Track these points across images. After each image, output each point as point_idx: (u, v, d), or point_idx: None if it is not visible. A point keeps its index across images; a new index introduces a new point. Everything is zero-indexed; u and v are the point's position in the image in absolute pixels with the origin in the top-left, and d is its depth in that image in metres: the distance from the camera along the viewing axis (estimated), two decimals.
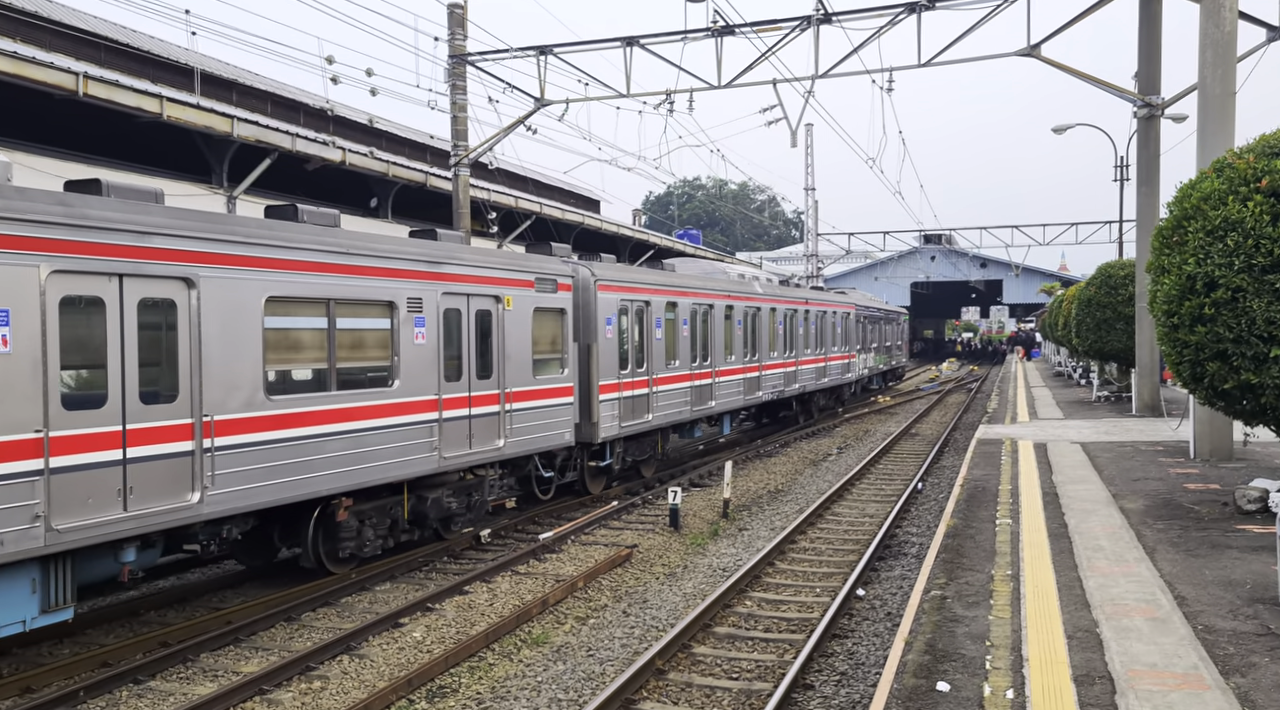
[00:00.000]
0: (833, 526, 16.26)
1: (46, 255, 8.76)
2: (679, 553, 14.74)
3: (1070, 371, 44.98)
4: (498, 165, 27.05)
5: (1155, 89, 22.50)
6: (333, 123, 28.54)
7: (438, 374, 13.32)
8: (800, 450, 26.26)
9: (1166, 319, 11.06)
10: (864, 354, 40.86)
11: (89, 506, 9.06)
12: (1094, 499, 12.94)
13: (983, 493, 13.82)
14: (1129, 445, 18.52)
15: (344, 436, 11.81)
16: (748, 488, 20.07)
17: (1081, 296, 28.27)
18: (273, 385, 10.99)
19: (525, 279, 15.21)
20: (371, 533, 12.65)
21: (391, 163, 24.38)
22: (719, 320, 22.91)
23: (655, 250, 41.39)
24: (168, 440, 9.83)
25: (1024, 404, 29.81)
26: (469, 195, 23.14)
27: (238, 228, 10.67)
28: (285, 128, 21.51)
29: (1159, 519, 11.61)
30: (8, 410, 8.43)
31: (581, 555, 14.28)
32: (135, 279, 9.57)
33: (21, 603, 8.93)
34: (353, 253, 11.99)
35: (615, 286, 17.74)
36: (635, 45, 21.24)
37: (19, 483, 8.50)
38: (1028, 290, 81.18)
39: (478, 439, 14.11)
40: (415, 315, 12.94)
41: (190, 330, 10.08)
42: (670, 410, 20.08)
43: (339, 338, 11.86)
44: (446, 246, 13.77)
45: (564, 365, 16.30)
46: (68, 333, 8.98)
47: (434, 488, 13.61)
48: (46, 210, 8.80)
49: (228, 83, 25.38)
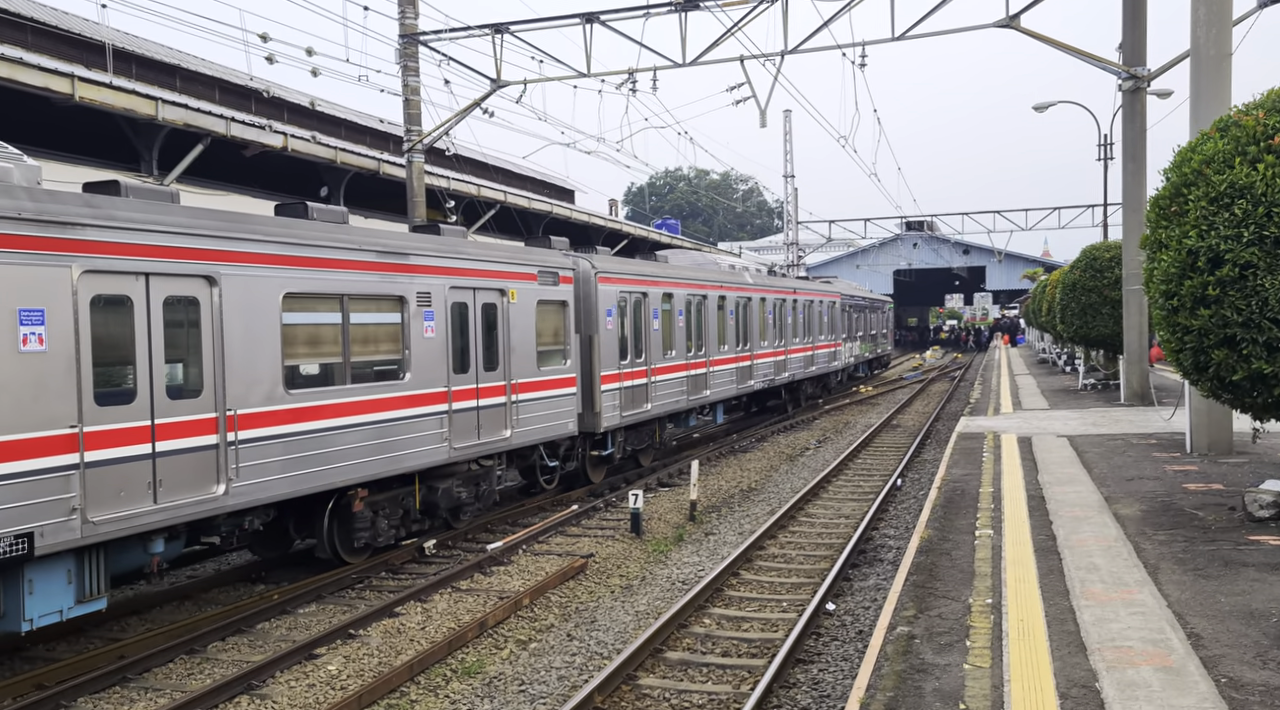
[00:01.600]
0: (805, 529, 15.41)
1: (78, 256, 9.10)
2: (639, 562, 13.86)
3: (1055, 358, 44.26)
4: (456, 151, 25.71)
5: (1141, 60, 21.76)
6: (271, 106, 26.64)
7: (447, 366, 13.71)
8: (777, 444, 25.42)
9: (1165, 301, 9.91)
10: (849, 342, 41.52)
11: (121, 499, 9.41)
12: (1084, 503, 11.74)
13: (962, 496, 12.69)
14: (1119, 438, 17.37)
15: (359, 428, 12.18)
16: (719, 486, 19.31)
17: (1066, 280, 27.48)
18: (291, 379, 11.35)
19: (528, 272, 15.60)
20: (385, 523, 13.04)
21: (340, 149, 22.74)
22: (712, 311, 23.37)
23: (629, 240, 40.22)
24: (194, 434, 10.19)
25: (1007, 393, 28.69)
26: (424, 183, 22.16)
27: (257, 227, 11.01)
28: (218, 111, 19.91)
29: (1159, 528, 10.32)
30: (45, 407, 8.78)
31: (532, 567, 13.32)
32: (161, 277, 9.91)
33: (59, 593, 9.29)
34: (364, 249, 12.36)
35: (615, 279, 18.17)
36: (596, 22, 20.38)
37: (56, 477, 8.85)
38: (1011, 276, 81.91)
39: (486, 430, 14.51)
40: (425, 309, 13.31)
41: (213, 327, 10.43)
42: (668, 400, 20.54)
43: (352, 332, 12.23)
44: (452, 241, 14.14)
45: (566, 356, 16.70)
46: (99, 331, 9.32)
47: (444, 478, 14.00)
48: (77, 212, 9.13)
49: (156, 63, 23.75)
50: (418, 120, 21.70)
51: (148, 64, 23.64)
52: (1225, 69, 13.56)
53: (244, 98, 25.80)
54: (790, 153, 63.62)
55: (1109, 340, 25.81)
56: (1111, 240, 28.16)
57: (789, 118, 63.74)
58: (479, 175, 30.98)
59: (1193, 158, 9.86)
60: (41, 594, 9.10)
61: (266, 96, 26.27)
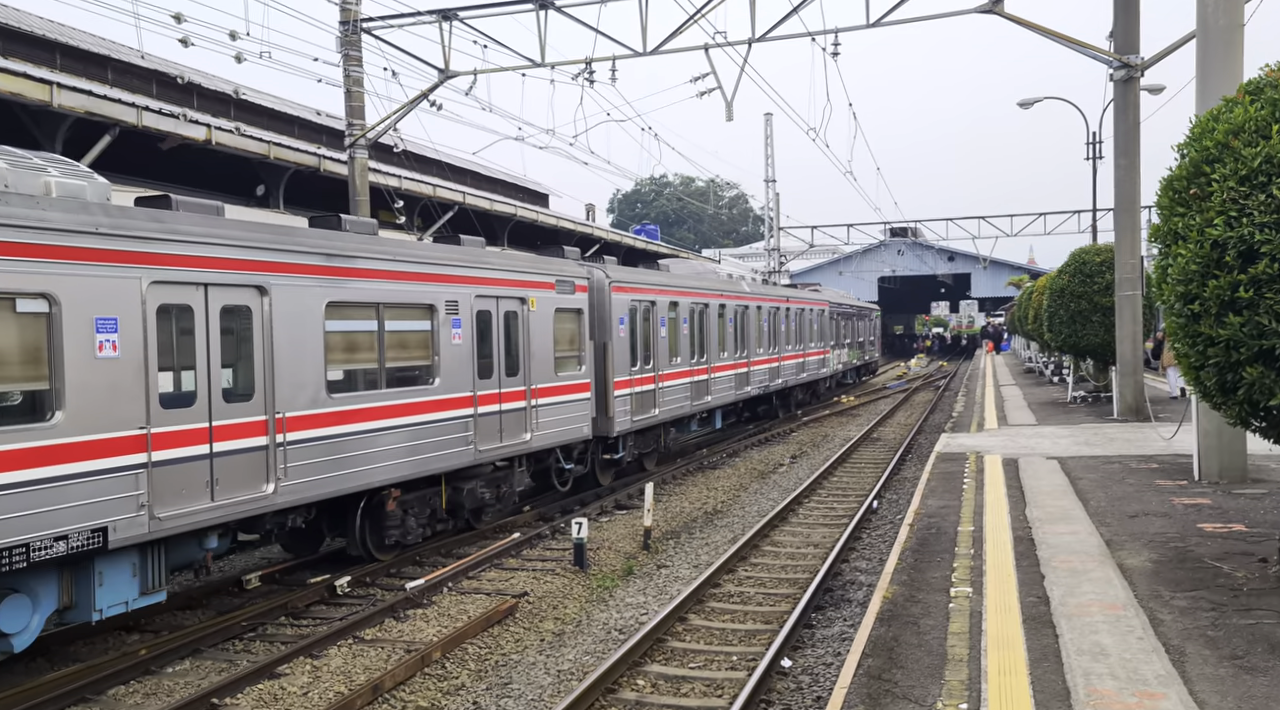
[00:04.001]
0: (769, 561, 14.18)
1: (147, 267, 9.82)
2: (579, 601, 12.59)
3: (1041, 367, 43.32)
4: (405, 148, 24.03)
5: (1134, 48, 20.57)
6: (186, 93, 23.89)
7: (472, 372, 14.46)
8: (749, 460, 24.19)
9: (1183, 305, 8.36)
10: (838, 349, 42.54)
11: (183, 496, 10.12)
12: (1083, 550, 10.10)
13: (937, 537, 11.18)
14: (1116, 461, 15.87)
15: (394, 431, 12.91)
16: (681, 508, 18.10)
17: (1054, 286, 26.25)
18: (333, 384, 12.07)
19: (547, 281, 16.38)
20: (414, 522, 13.76)
21: (273, 143, 20.88)
22: (714, 319, 24.25)
23: (602, 244, 38.12)
24: (246, 436, 10.91)
25: (992, 406, 27.30)
26: (367, 180, 20.61)
27: (302, 239, 11.76)
28: (129, 98, 18.05)
29: (1177, 588, 8.57)
30: (118, 409, 9.49)
31: (454, 610, 11.93)
32: (218, 287, 10.63)
33: (125, 585, 9.98)
34: (398, 259, 13.10)
35: (627, 287, 18.99)
36: (550, 8, 19.37)
37: (127, 475, 9.56)
38: (996, 283, 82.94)
39: (507, 433, 15.26)
40: (453, 317, 14.06)
41: (263, 334, 11.16)
42: (674, 405, 21.37)
43: (387, 339, 12.97)
44: (476, 251, 14.92)
45: (581, 362, 17.49)
46: (163, 338, 10.04)
47: (469, 479, 14.74)
48: (145, 226, 9.85)
49: (44, 41, 20.86)
50: (361, 113, 20.23)
51: (70, 53, 21.25)
52: (1237, 41, 12.23)
53: (146, 81, 22.98)
54: (771, 157, 62.75)
55: (1100, 350, 24.93)
56: (1102, 243, 27.10)
57: (770, 121, 62.66)
58: (441, 176, 29.57)
59: (1215, 128, 8.29)
60: (110, 586, 9.80)
61: (181, 82, 23.45)
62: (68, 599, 9.61)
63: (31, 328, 8.89)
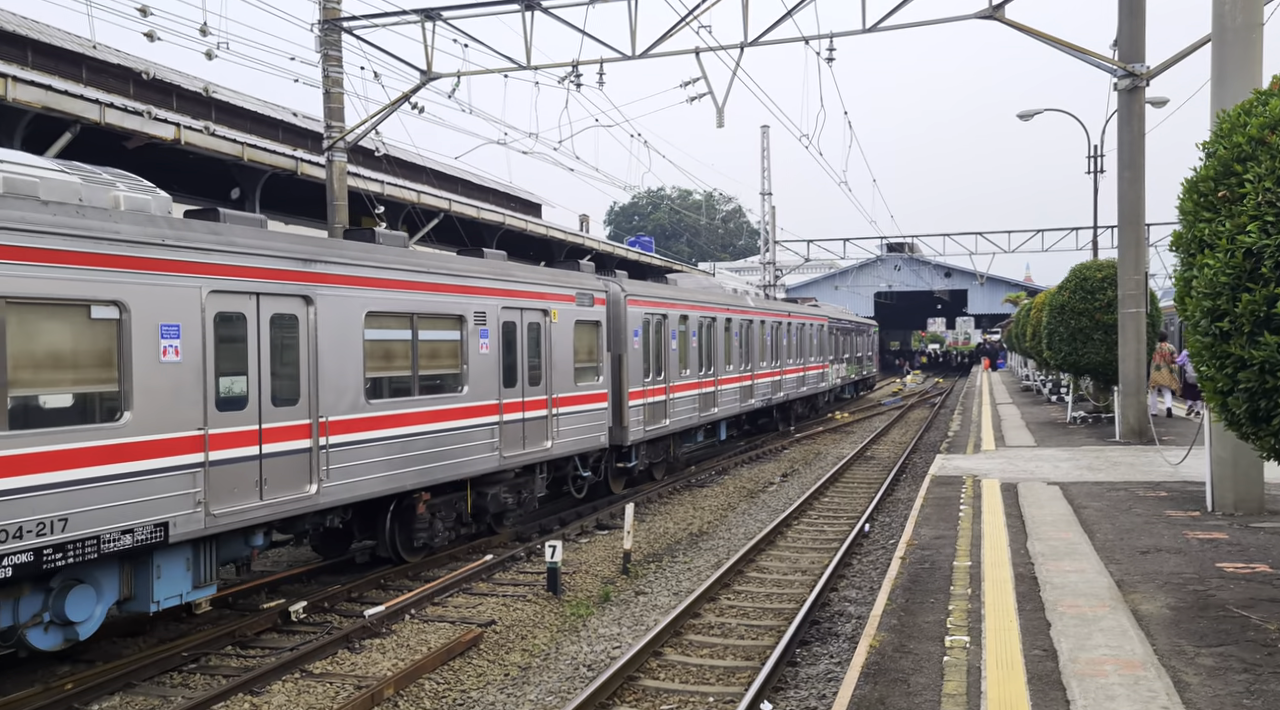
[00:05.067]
0: (753, 588, 13.62)
1: (206, 277, 10.51)
2: (550, 631, 12.00)
3: (1039, 386, 42.68)
4: (387, 152, 23.28)
5: (1139, 56, 20.03)
6: (154, 91, 22.66)
7: (498, 381, 15.16)
8: (739, 478, 23.76)
9: (1209, 323, 7.60)
10: (837, 364, 43.39)
11: (235, 495, 10.78)
12: (1092, 592, 9.26)
13: (930, 573, 10.30)
14: (1121, 488, 15.10)
15: (425, 436, 13.59)
16: (665, 529, 17.66)
17: (1054, 303, 25.69)
18: (370, 390, 12.75)
19: (568, 294, 17.10)
20: (441, 525, 14.42)
21: (247, 145, 19.82)
22: (720, 332, 25.01)
23: (594, 255, 37.35)
24: (293, 438, 11.58)
25: (989, 426, 26.58)
26: (346, 184, 20.00)
27: (344, 251, 12.46)
28: (91, 94, 17.03)
29: (1202, 642, 7.65)
30: (179, 411, 10.16)
31: (415, 640, 11.32)
32: (269, 297, 11.32)
33: (179, 579, 10.63)
34: (431, 271, 13.80)
35: (642, 301, 19.74)
36: (536, 9, 18.91)
37: (186, 473, 10.22)
38: (993, 300, 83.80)
39: (530, 440, 15.95)
40: (481, 327, 14.76)
41: (308, 341, 11.84)
42: (683, 416, 22.10)
43: (420, 348, 13.66)
44: (501, 264, 15.63)
45: (599, 373, 18.20)
46: (220, 344, 10.72)
47: (493, 484, 15.41)
48: (205, 238, 10.55)
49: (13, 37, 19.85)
50: (340, 115, 19.61)
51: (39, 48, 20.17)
52: (1255, 40, 11.84)
53: (120, 79, 21.91)
54: (768, 170, 61.95)
55: (1101, 368, 24.50)
56: (1104, 259, 26.50)
57: (766, 134, 61.89)
58: (431, 184, 28.79)
59: (1248, 123, 7.61)
60: (167, 579, 10.45)
61: (146, 78, 22.23)
62: (127, 591, 10.27)
63: (104, 333, 9.57)
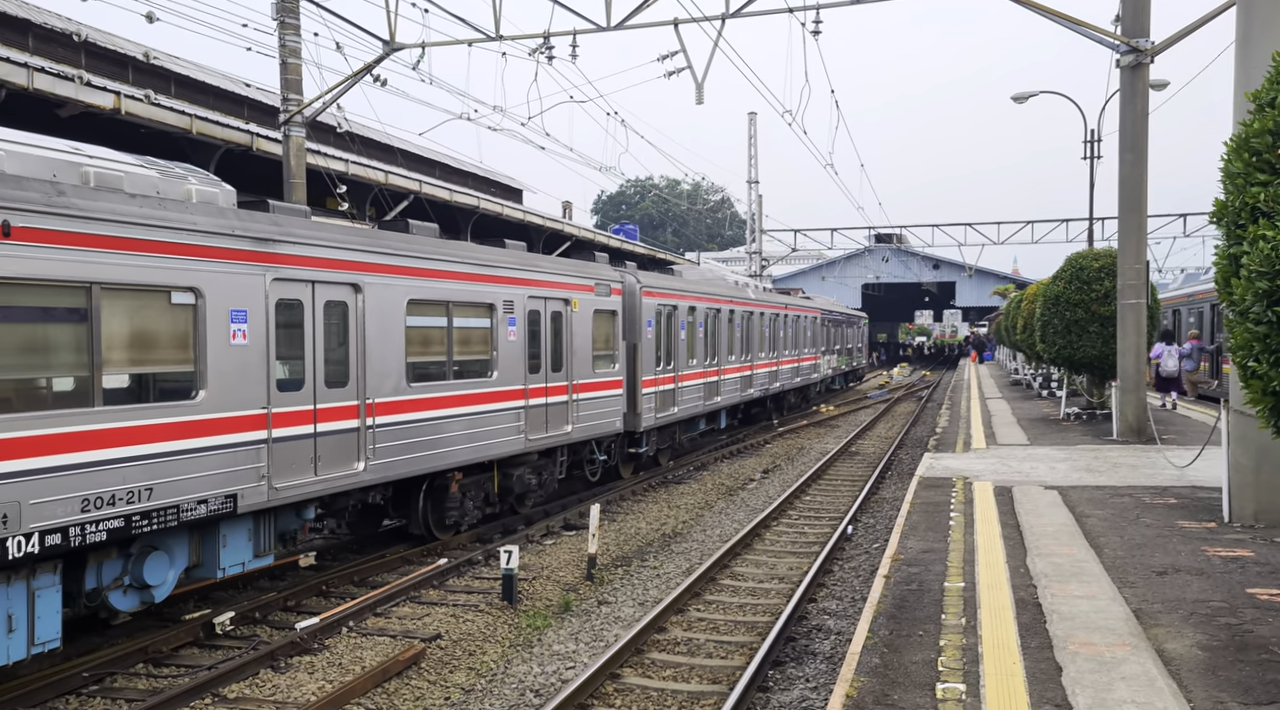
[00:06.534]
0: (726, 598, 12.82)
1: (269, 266, 11.42)
2: (501, 646, 11.13)
3: (1029, 380, 41.68)
4: (349, 128, 22.38)
5: (1143, 31, 19.27)
6: (85, 54, 20.76)
7: (524, 367, 16.12)
8: (718, 474, 23.11)
9: (1264, 309, 6.53)
10: (828, 355, 44.61)
11: (293, 470, 11.72)
12: (1106, 625, 8.11)
13: (919, 597, 9.14)
14: (1126, 493, 14.24)
15: (459, 419, 14.55)
16: (636, 529, 16.98)
17: (1048, 294, 24.93)
18: (411, 374, 13.69)
19: (588, 284, 18.07)
20: (470, 504, 15.38)
21: (196, 117, 18.35)
22: (724, 323, 26.07)
23: (574, 241, 36.49)
24: (343, 418, 12.52)
25: (979, 422, 25.64)
26: (304, 162, 19.03)
27: (388, 242, 13.38)
28: (19, 57, 15.92)
29: (1248, 697, 6.56)
30: (246, 391, 11.09)
31: (349, 656, 10.46)
32: (323, 285, 12.25)
33: (242, 548, 11.57)
34: (465, 261, 14.75)
35: (655, 292, 20.75)
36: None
37: (252, 449, 11.15)
38: (981, 293, 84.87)
39: (552, 424, 16.93)
40: (509, 316, 15.72)
41: (357, 327, 12.78)
42: (690, 404, 23.15)
43: (455, 334, 14.61)
44: (528, 256, 16.60)
45: (615, 361, 19.20)
46: (280, 329, 11.64)
47: (518, 466, 16.39)
48: (269, 230, 11.46)
49: None
50: (298, 88, 18.63)
51: None
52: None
53: (75, 51, 20.49)
54: (754, 157, 61.75)
55: (1097, 363, 24.02)
56: (1100, 248, 25.92)
57: (754, 121, 61.42)
58: (407, 166, 27.89)
59: None
60: (231, 547, 11.39)
61: (76, 40, 20.57)
62: (195, 558, 11.20)
63: (182, 318, 10.48)
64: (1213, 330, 29.57)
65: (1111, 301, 21.97)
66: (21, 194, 8.84)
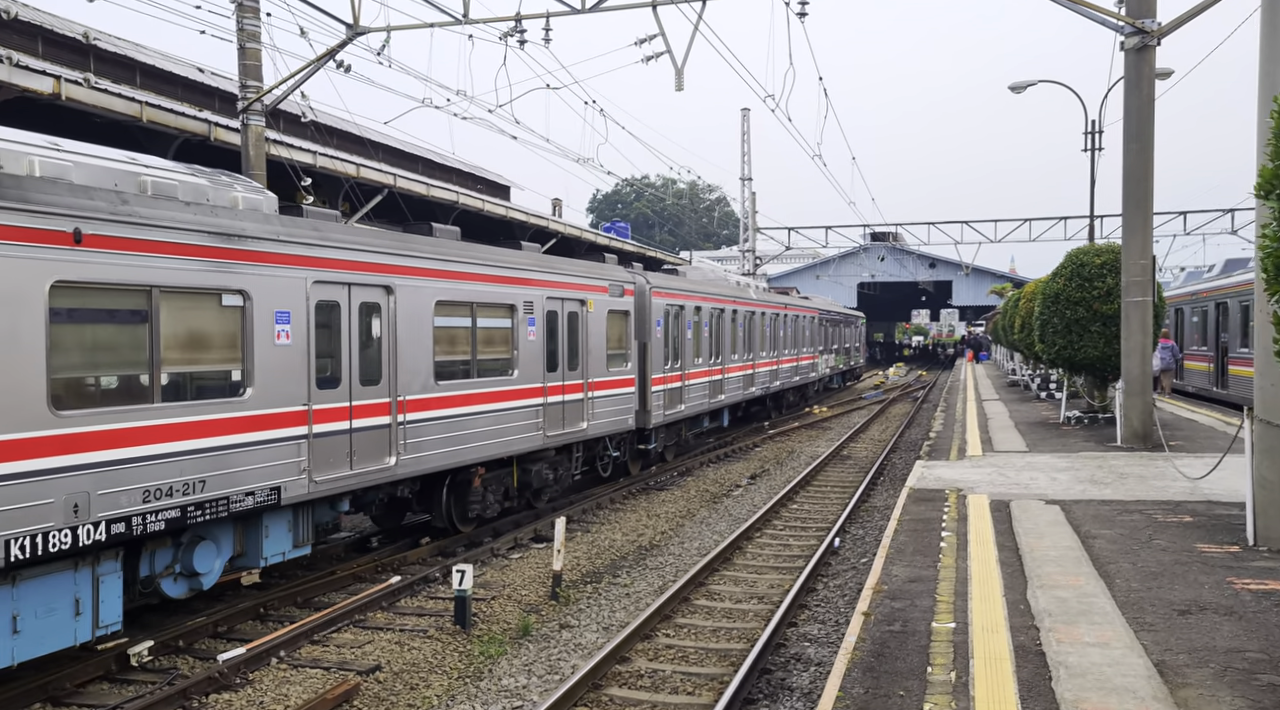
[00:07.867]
0: (699, 621, 11.87)
1: (310, 269, 12.13)
2: (446, 678, 10.21)
3: (1027, 381, 40.85)
4: (314, 118, 21.24)
5: (1149, 11, 18.39)
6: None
7: (543, 366, 16.86)
8: (703, 480, 22.49)
9: None
10: (826, 354, 45.47)
11: (331, 464, 12.43)
12: (1125, 686, 6.84)
13: (901, 643, 7.96)
14: (1135, 509, 13.20)
15: (483, 415, 15.28)
16: (610, 541, 16.25)
17: (1047, 291, 24.02)
18: (438, 372, 14.41)
19: (602, 285, 18.82)
20: (491, 498, 16.11)
21: (146, 104, 16.95)
22: (728, 323, 26.88)
23: (559, 239, 35.27)
24: (376, 415, 13.24)
25: (975, 426, 24.70)
26: (264, 152, 18.16)
27: (417, 245, 14.11)
28: None
29: None
30: (290, 388, 11.81)
31: (274, 693, 9.60)
32: (358, 287, 12.97)
33: (283, 539, 12.28)
34: (488, 264, 15.47)
35: (664, 293, 21.52)
36: None
37: (294, 443, 11.86)
38: (978, 292, 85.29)
39: (569, 421, 17.68)
40: (529, 316, 16.45)
41: (389, 327, 13.49)
42: (696, 402, 23.93)
43: (479, 334, 15.34)
44: (546, 257, 17.34)
45: (627, 360, 19.95)
46: (319, 329, 12.36)
47: (536, 462, 17.12)
48: (309, 235, 12.17)
49: None
50: (257, 74, 17.80)
51: None
52: None
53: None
54: (748, 153, 60.28)
55: (1099, 363, 23.23)
56: (1102, 243, 24.86)
57: (747, 117, 60.59)
58: (387, 161, 26.98)
59: None
60: (274, 538, 12.10)
61: (6, 18, 19.15)
62: (239, 548, 11.91)
63: (232, 319, 11.19)
64: (1217, 331, 29.63)
65: (1114, 299, 21.20)
66: (90, 203, 9.55)
